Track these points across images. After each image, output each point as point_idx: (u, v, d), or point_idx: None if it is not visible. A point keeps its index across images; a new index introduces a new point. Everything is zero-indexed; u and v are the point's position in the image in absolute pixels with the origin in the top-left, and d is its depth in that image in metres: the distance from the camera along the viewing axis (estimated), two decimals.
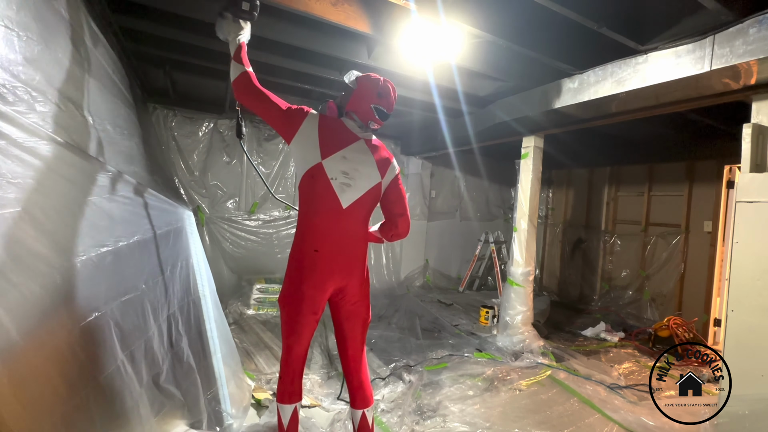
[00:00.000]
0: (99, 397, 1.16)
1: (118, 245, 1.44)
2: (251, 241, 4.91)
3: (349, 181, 1.68)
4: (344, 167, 1.67)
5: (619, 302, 5.35)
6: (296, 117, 1.66)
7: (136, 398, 1.38)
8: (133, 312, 1.50)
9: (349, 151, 1.70)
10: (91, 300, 1.24)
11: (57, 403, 1.00)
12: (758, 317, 2.14)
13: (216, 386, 2.02)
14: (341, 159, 1.67)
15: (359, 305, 1.79)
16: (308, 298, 1.64)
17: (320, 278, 1.65)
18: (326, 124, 1.69)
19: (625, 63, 2.62)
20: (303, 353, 1.74)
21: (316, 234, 1.65)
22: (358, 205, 1.71)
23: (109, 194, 1.45)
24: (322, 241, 1.65)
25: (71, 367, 1.09)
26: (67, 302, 1.10)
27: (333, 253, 1.67)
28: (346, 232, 1.70)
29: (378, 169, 1.77)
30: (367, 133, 1.81)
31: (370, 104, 1.73)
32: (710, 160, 4.54)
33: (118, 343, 1.31)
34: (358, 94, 1.74)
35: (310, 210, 1.66)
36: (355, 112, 1.75)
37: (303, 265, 1.65)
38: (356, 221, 1.73)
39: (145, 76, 3.98)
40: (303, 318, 1.66)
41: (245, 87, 1.65)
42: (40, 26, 1.27)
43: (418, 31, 2.58)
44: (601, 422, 2.50)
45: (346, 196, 1.67)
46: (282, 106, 1.67)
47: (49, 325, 1.01)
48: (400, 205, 1.85)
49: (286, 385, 1.73)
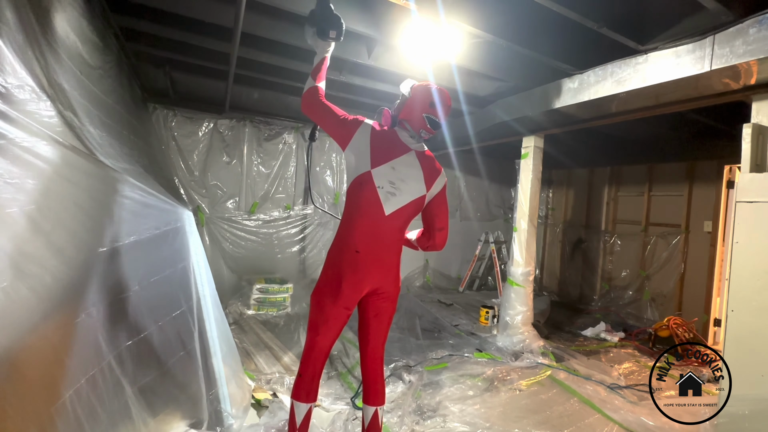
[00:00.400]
0: (86, 398, 1.16)
1: (114, 245, 1.44)
2: (251, 241, 4.91)
3: (395, 190, 1.74)
4: (392, 177, 1.74)
5: (619, 302, 5.35)
6: (350, 126, 1.74)
7: (126, 399, 1.38)
8: (127, 312, 1.49)
9: (398, 162, 1.77)
10: (81, 300, 1.23)
11: (43, 404, 1.00)
12: (758, 317, 2.14)
13: (216, 386, 2.02)
14: (390, 169, 1.74)
15: (388, 305, 1.84)
16: (345, 294, 1.70)
17: (359, 277, 1.71)
18: (378, 134, 1.76)
19: (625, 63, 2.62)
20: (328, 350, 1.77)
21: (358, 236, 1.72)
22: (399, 214, 1.77)
23: (108, 194, 1.45)
24: (363, 243, 1.72)
25: (57, 367, 1.08)
26: (56, 303, 1.10)
27: (372, 255, 1.73)
28: (386, 237, 1.77)
29: (425, 182, 1.82)
30: (419, 144, 1.86)
31: (422, 113, 1.78)
32: (710, 160, 4.54)
33: (105, 344, 1.31)
34: (411, 103, 1.80)
35: (355, 213, 1.74)
36: (408, 121, 1.80)
37: (343, 264, 1.71)
38: (395, 228, 1.79)
39: (145, 76, 3.99)
40: (336, 312, 1.71)
41: (311, 99, 1.76)
42: (41, 26, 1.27)
43: (418, 31, 2.58)
44: (601, 422, 2.50)
45: (390, 204, 1.74)
46: (339, 116, 1.75)
47: (36, 326, 1.01)
48: (441, 219, 1.91)
49: (306, 383, 1.74)
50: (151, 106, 4.35)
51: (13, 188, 0.97)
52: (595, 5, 2.19)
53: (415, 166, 1.81)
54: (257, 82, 4.32)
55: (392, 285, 1.83)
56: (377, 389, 1.87)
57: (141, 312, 1.63)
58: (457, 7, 2.27)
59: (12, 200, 0.96)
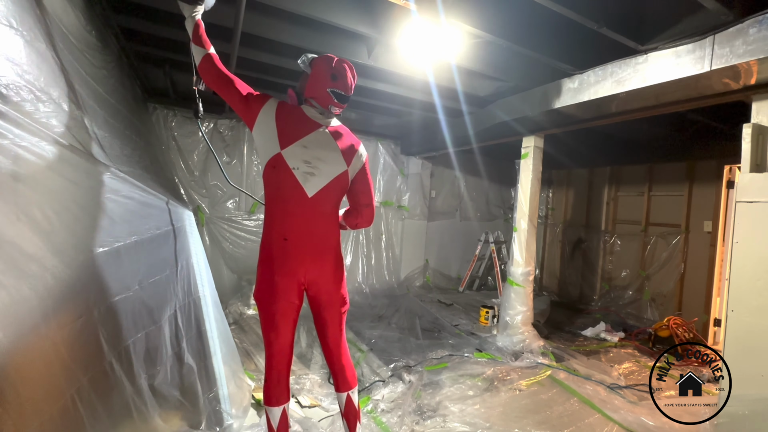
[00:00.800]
0: (87, 399, 1.16)
1: (114, 245, 1.44)
2: (251, 241, 4.91)
3: (312, 170, 1.65)
4: (305, 156, 1.64)
5: (619, 302, 5.35)
6: (254, 104, 1.62)
7: (128, 399, 1.38)
8: (127, 312, 1.49)
9: (309, 140, 1.66)
10: (82, 301, 1.23)
11: (44, 404, 1.00)
12: (758, 317, 2.14)
13: (216, 386, 2.02)
14: (301, 148, 1.64)
15: (335, 293, 1.78)
16: (281, 286, 1.63)
17: (291, 266, 1.64)
18: (284, 113, 1.64)
19: (625, 63, 2.62)
20: (286, 348, 1.70)
21: (284, 223, 1.64)
22: (324, 193, 1.69)
23: (108, 194, 1.45)
24: (290, 229, 1.64)
25: (58, 368, 1.08)
26: (57, 303, 1.10)
27: (302, 241, 1.65)
28: (315, 220, 1.68)
29: (343, 157, 1.74)
30: (329, 119, 1.76)
31: (326, 88, 1.68)
32: (710, 160, 4.54)
33: (106, 345, 1.31)
34: (314, 79, 1.69)
35: (276, 200, 1.65)
36: (314, 98, 1.71)
37: (273, 255, 1.63)
38: (324, 209, 1.71)
39: (145, 76, 3.98)
40: (279, 307, 1.64)
41: (210, 69, 1.63)
42: (41, 27, 1.27)
43: (418, 31, 2.58)
44: (601, 422, 2.50)
45: (311, 184, 1.65)
46: (242, 92, 1.63)
47: (37, 326, 1.01)
48: (366, 195, 1.84)
49: (272, 386, 1.69)
50: (151, 106, 4.35)
51: (14, 188, 0.97)
52: (595, 5, 2.19)
53: (329, 143, 1.71)
54: (257, 82, 4.32)
55: (331, 271, 1.75)
56: (345, 375, 1.84)
57: (141, 311, 1.63)
58: (457, 7, 2.27)
59: (13, 200, 0.97)
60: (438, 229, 6.34)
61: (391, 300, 5.13)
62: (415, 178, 6.03)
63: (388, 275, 5.84)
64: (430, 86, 3.57)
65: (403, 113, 4.78)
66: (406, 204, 6.01)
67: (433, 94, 3.76)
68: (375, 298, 5.16)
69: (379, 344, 3.64)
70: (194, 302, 2.11)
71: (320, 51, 2.99)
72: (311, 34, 2.84)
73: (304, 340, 3.52)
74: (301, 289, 1.70)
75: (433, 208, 6.28)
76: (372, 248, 5.72)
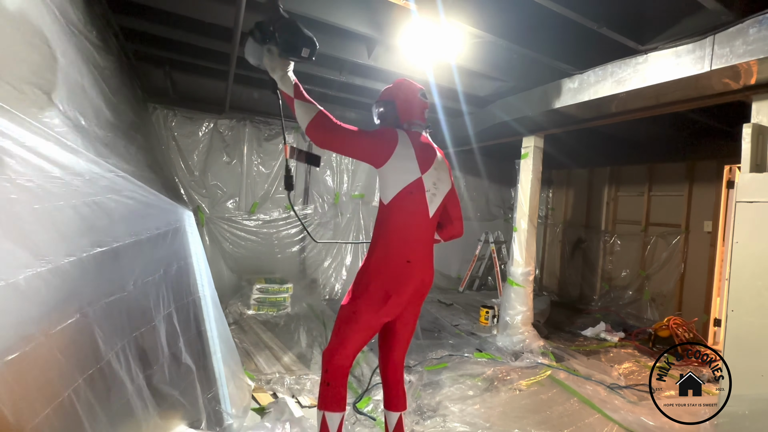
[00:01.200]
0: (83, 399, 1.16)
1: (111, 246, 1.44)
2: (251, 241, 4.91)
3: (436, 190, 1.71)
4: (434, 178, 1.71)
5: (619, 302, 5.35)
6: (388, 140, 1.62)
7: (125, 399, 1.38)
8: (121, 313, 1.49)
9: (436, 161, 1.74)
10: (74, 302, 1.23)
11: (41, 404, 1.00)
12: (758, 317, 2.14)
13: (216, 386, 2.02)
14: (434, 171, 1.71)
15: (418, 310, 1.80)
16: (392, 306, 1.63)
17: (409, 288, 1.64)
18: (414, 140, 1.69)
19: (625, 63, 2.62)
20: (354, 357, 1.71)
21: (410, 245, 1.65)
22: (437, 212, 1.75)
23: (107, 194, 1.45)
24: (414, 251, 1.65)
25: (56, 366, 1.08)
26: (55, 302, 1.10)
27: (422, 262, 1.69)
28: (429, 240, 1.74)
29: (449, 176, 1.83)
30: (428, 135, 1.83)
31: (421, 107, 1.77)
32: (710, 160, 4.54)
33: (103, 343, 1.31)
34: (405, 102, 1.75)
35: (405, 223, 1.65)
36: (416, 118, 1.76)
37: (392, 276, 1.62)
38: (433, 228, 1.77)
39: (145, 76, 3.99)
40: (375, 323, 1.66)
41: (324, 128, 1.51)
42: (44, 26, 1.27)
43: (418, 31, 2.58)
44: (601, 422, 2.50)
45: (433, 205, 1.71)
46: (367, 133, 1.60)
47: (35, 325, 1.01)
48: (458, 208, 1.92)
49: (338, 389, 1.64)
50: (151, 106, 4.35)
51: (13, 187, 0.97)
52: (595, 5, 2.19)
53: (441, 163, 1.79)
54: (257, 82, 4.32)
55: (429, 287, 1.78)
56: (399, 395, 1.83)
57: (140, 310, 1.62)
58: (457, 7, 2.27)
59: (13, 200, 0.97)
60: None
61: None
62: None
63: None
64: (430, 86, 3.57)
65: None
66: None
67: (433, 94, 3.76)
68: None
69: None
70: (194, 302, 2.11)
71: (320, 51, 2.99)
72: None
73: (304, 340, 3.52)
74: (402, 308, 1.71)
75: None
76: None
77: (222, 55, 3.18)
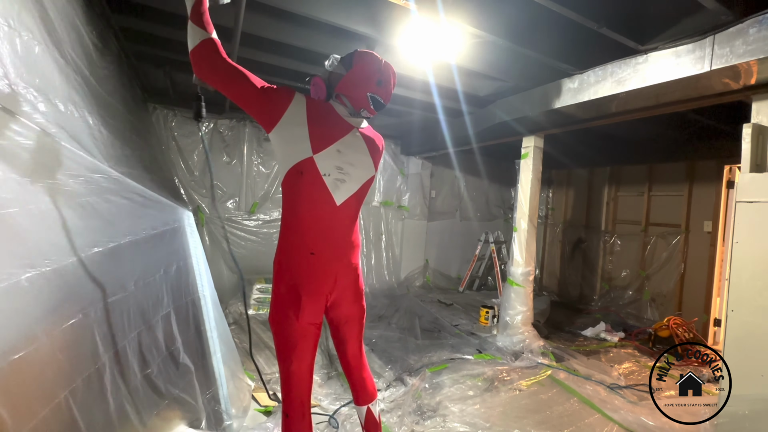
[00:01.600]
0: (81, 400, 1.15)
1: (109, 246, 1.44)
2: (251, 241, 4.91)
3: (343, 176, 1.48)
4: (338, 162, 1.46)
5: (619, 302, 5.35)
6: (278, 100, 1.38)
7: (122, 399, 1.38)
8: (122, 313, 1.49)
9: (343, 143, 1.48)
10: (79, 300, 1.23)
11: (39, 405, 1.00)
12: (758, 317, 2.14)
13: (215, 386, 2.02)
14: (335, 153, 1.45)
15: (355, 306, 1.63)
16: (307, 308, 1.44)
17: (319, 284, 1.47)
18: (316, 111, 1.43)
19: (625, 63, 2.62)
20: (308, 376, 1.50)
21: (310, 235, 1.46)
22: (352, 200, 1.53)
23: (107, 194, 1.45)
24: (316, 243, 1.46)
25: (55, 367, 1.08)
26: (54, 303, 1.10)
27: (330, 254, 1.49)
28: (341, 230, 1.52)
29: (372, 161, 1.59)
30: (358, 119, 1.58)
31: (367, 92, 1.49)
32: (710, 160, 4.54)
33: (101, 344, 1.31)
34: (354, 78, 1.49)
35: (299, 209, 1.45)
36: (347, 96, 1.51)
37: (297, 272, 1.45)
38: (349, 217, 1.55)
39: (145, 76, 3.98)
40: (303, 331, 1.45)
41: (208, 58, 1.30)
42: (41, 26, 1.27)
43: (418, 31, 2.58)
44: (601, 422, 2.50)
45: (341, 192, 1.48)
46: (257, 85, 1.36)
47: (29, 328, 1.01)
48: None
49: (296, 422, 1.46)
50: (151, 106, 4.35)
51: (12, 187, 0.97)
52: (595, 5, 2.19)
53: (361, 147, 1.55)
54: None
55: (355, 284, 1.59)
56: (365, 387, 1.72)
57: (140, 310, 1.63)
58: (457, 7, 2.27)
59: (12, 200, 0.96)
60: (438, 229, 6.34)
61: (391, 300, 5.12)
62: (415, 178, 6.03)
63: (388, 275, 5.84)
64: (430, 86, 3.57)
65: (403, 113, 4.78)
66: (406, 204, 6.01)
67: (433, 94, 3.76)
68: (375, 298, 5.16)
69: (380, 344, 3.64)
70: (193, 302, 2.11)
71: (320, 51, 2.99)
72: (311, 34, 2.84)
73: None
74: (325, 307, 1.54)
75: (433, 208, 6.28)
76: (372, 248, 5.72)
77: None
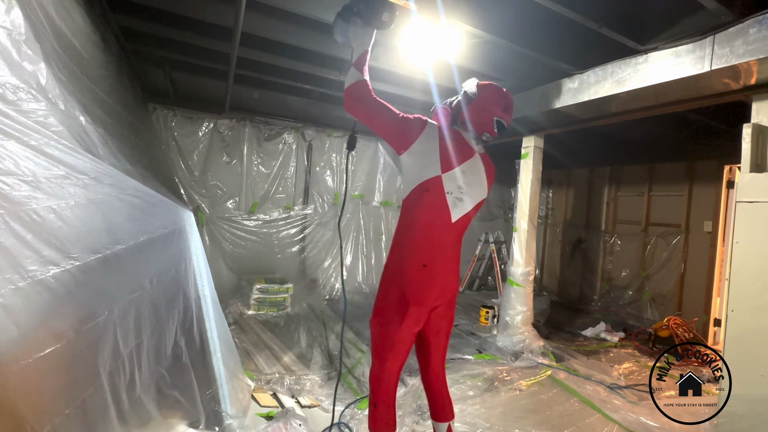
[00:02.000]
0: (100, 399, 1.16)
1: (115, 248, 1.44)
2: (251, 241, 4.91)
3: (462, 195, 1.64)
4: (460, 182, 1.63)
5: (619, 302, 5.35)
6: (414, 128, 1.58)
7: (137, 398, 1.38)
8: (138, 310, 1.49)
9: (467, 165, 1.66)
10: (88, 303, 1.23)
11: (57, 406, 1.00)
12: (758, 317, 2.14)
13: (215, 386, 2.02)
14: (460, 173, 1.63)
15: (446, 319, 1.76)
16: (412, 316, 1.57)
17: (427, 295, 1.60)
18: (445, 136, 1.63)
19: (625, 63, 2.62)
20: (398, 374, 1.67)
21: (425, 248, 1.60)
22: (463, 220, 1.68)
23: (108, 195, 1.45)
24: (430, 255, 1.60)
25: (72, 368, 1.08)
26: (63, 305, 1.10)
27: (440, 267, 1.62)
28: (450, 245, 1.67)
29: (487, 185, 1.77)
30: (479, 146, 1.77)
31: (494, 116, 1.66)
32: (710, 160, 4.54)
33: (122, 345, 1.31)
34: (480, 104, 1.68)
35: (419, 223, 1.60)
36: (472, 122, 1.69)
37: (408, 282, 1.58)
38: (459, 235, 1.70)
39: (145, 76, 3.99)
40: (403, 336, 1.60)
41: (360, 96, 1.56)
42: (39, 27, 1.27)
43: (418, 31, 2.58)
44: (601, 422, 2.50)
45: (457, 210, 1.63)
46: (398, 114, 1.58)
47: (44, 329, 1.01)
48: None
49: (383, 412, 1.62)
50: (151, 106, 4.35)
51: (28, 187, 0.97)
52: (595, 5, 2.19)
53: (480, 170, 1.73)
54: (257, 82, 4.32)
55: (453, 298, 1.75)
56: (445, 404, 1.81)
57: (153, 309, 1.63)
58: (457, 7, 2.27)
59: (29, 198, 0.97)
60: None
61: None
62: None
63: None
64: (430, 86, 3.57)
65: None
66: None
67: (433, 94, 3.76)
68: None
69: None
70: (194, 302, 2.11)
71: (320, 51, 3.00)
72: (311, 34, 2.84)
73: (304, 340, 3.52)
74: (427, 316, 1.66)
75: None
76: (372, 248, 5.72)
77: (222, 55, 3.18)
